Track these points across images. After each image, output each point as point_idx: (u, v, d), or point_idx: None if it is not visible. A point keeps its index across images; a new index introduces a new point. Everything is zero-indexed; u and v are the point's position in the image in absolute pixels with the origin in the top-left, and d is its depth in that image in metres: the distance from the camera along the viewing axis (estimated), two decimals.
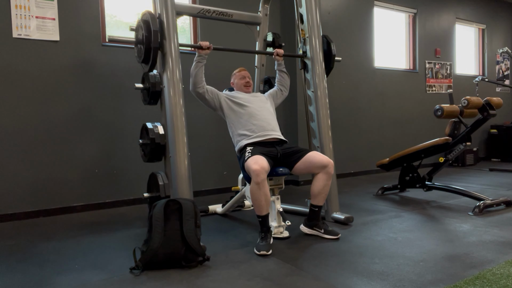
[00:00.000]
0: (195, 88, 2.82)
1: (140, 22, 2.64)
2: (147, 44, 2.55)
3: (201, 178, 4.21)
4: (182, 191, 2.50)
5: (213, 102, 2.89)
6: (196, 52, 2.80)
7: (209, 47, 2.79)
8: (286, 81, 3.19)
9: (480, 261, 2.15)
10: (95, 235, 2.85)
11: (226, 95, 2.94)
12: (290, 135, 4.80)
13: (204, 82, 2.83)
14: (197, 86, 2.81)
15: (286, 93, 3.21)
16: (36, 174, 3.44)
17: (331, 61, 3.26)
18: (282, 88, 3.18)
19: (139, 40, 2.65)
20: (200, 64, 2.79)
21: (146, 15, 2.62)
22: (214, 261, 2.24)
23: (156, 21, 2.56)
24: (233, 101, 2.89)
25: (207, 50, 2.79)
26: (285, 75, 3.19)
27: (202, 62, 2.80)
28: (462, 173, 5.54)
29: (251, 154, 2.55)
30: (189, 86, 2.82)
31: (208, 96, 2.86)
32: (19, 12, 3.34)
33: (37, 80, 3.44)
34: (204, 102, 2.90)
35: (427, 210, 3.42)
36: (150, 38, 2.53)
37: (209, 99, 2.87)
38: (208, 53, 2.81)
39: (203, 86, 2.82)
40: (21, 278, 2.07)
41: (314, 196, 2.66)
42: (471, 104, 3.54)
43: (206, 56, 2.81)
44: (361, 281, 1.94)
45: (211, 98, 2.88)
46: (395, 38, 6.08)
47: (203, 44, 2.77)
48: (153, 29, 2.53)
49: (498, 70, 7.51)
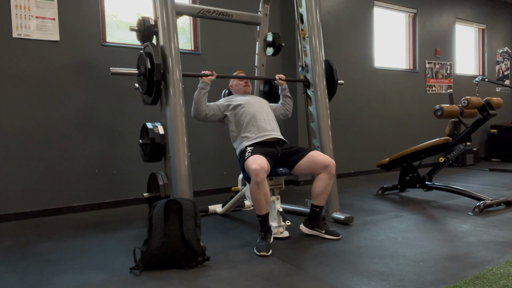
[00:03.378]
0: (196, 115, 2.85)
1: (143, 55, 2.60)
2: (150, 77, 2.53)
3: (201, 178, 4.21)
4: (182, 191, 2.50)
5: (218, 117, 2.91)
6: (200, 79, 2.81)
7: (213, 74, 2.82)
8: (289, 106, 3.19)
9: (480, 261, 2.16)
10: (95, 235, 2.85)
11: (226, 101, 2.95)
12: (290, 135, 4.79)
13: (205, 108, 2.83)
14: (199, 113, 2.83)
15: (288, 115, 3.21)
16: (36, 174, 3.44)
17: (334, 86, 3.27)
18: (286, 112, 3.18)
19: (142, 73, 2.62)
20: (203, 91, 2.81)
21: (149, 48, 2.57)
22: (214, 261, 2.24)
23: (159, 54, 2.53)
24: (233, 105, 2.89)
25: (211, 77, 2.82)
26: (289, 100, 3.18)
27: (205, 89, 2.82)
28: (462, 173, 5.55)
29: (251, 154, 2.55)
30: (191, 112, 2.83)
31: (211, 116, 2.88)
32: (19, 12, 3.34)
33: (37, 80, 3.44)
34: (209, 121, 2.96)
35: (427, 210, 3.42)
36: (153, 71, 2.51)
37: (212, 118, 2.90)
38: (212, 79, 2.83)
39: (203, 111, 2.84)
40: (21, 278, 2.08)
41: (316, 196, 2.65)
42: (471, 104, 3.54)
43: (209, 83, 2.83)
44: (361, 281, 1.94)
45: (214, 116, 2.89)
46: (395, 38, 6.08)
47: (206, 72, 2.80)
48: (156, 63, 2.49)
49: (498, 70, 7.51)
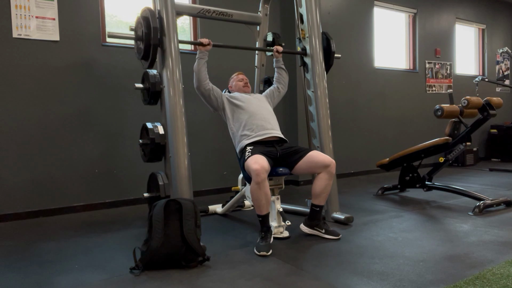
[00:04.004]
0: (200, 86, 2.80)
1: (139, 19, 2.64)
2: (147, 41, 2.55)
3: (201, 178, 4.21)
4: (182, 191, 2.50)
5: (216, 101, 2.88)
6: (198, 49, 2.80)
7: (209, 43, 2.80)
8: (284, 78, 3.18)
9: (480, 261, 2.15)
10: (95, 235, 2.85)
11: (227, 96, 2.94)
12: (290, 135, 4.79)
13: (208, 79, 2.82)
14: (202, 83, 2.79)
15: (284, 91, 3.19)
16: (36, 174, 3.44)
17: (330, 58, 3.26)
18: (280, 86, 3.16)
19: (139, 37, 2.65)
20: (202, 60, 2.79)
21: (146, 12, 2.61)
22: (214, 261, 2.24)
23: (155, 18, 2.56)
24: (234, 102, 2.89)
25: (208, 46, 2.79)
26: (283, 72, 3.18)
27: (204, 59, 2.79)
28: (462, 173, 5.54)
29: (251, 153, 2.55)
30: (194, 83, 2.81)
31: (213, 95, 2.85)
32: (19, 12, 3.34)
33: (37, 80, 3.44)
34: (207, 100, 2.88)
35: (427, 210, 3.42)
36: (149, 35, 2.53)
37: (213, 98, 2.87)
38: (209, 49, 2.81)
39: (208, 83, 2.81)
40: (21, 278, 2.07)
41: (316, 196, 2.65)
42: (471, 104, 3.54)
43: (207, 52, 2.81)
44: (361, 281, 1.94)
45: (215, 98, 2.87)
46: (395, 38, 6.08)
47: (203, 41, 2.78)
48: (153, 26, 2.52)
49: (498, 70, 7.51)
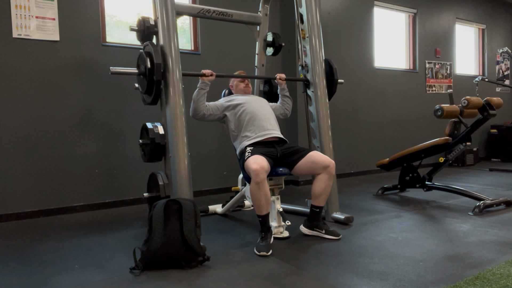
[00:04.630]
0: (195, 115, 2.85)
1: (142, 54, 2.58)
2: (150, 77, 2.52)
3: (201, 178, 4.21)
4: (182, 191, 2.50)
5: (216, 116, 2.91)
6: (200, 79, 2.81)
7: (212, 74, 2.81)
8: (289, 106, 3.20)
9: (480, 261, 2.16)
10: (95, 235, 2.85)
11: (225, 101, 2.94)
12: (290, 135, 4.79)
13: (204, 107, 2.83)
14: (198, 114, 2.83)
15: (287, 115, 3.22)
16: (36, 174, 3.44)
17: (333, 86, 3.27)
18: (285, 112, 3.19)
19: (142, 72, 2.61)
20: (203, 91, 2.81)
21: (149, 47, 2.56)
22: (214, 261, 2.24)
23: (158, 54, 2.52)
24: (233, 104, 2.89)
25: (210, 77, 2.81)
26: (288, 100, 3.19)
27: (205, 89, 2.81)
28: (462, 173, 5.54)
29: (251, 154, 2.55)
30: (189, 111, 2.83)
31: (210, 115, 2.87)
32: (19, 12, 3.34)
33: (37, 80, 3.44)
34: (208, 121, 2.96)
35: (427, 210, 3.42)
36: (153, 71, 2.50)
37: (211, 118, 2.90)
38: (212, 79, 2.82)
39: (203, 112, 2.84)
40: (21, 278, 2.08)
41: (315, 196, 2.65)
42: (471, 104, 3.54)
43: (209, 83, 2.82)
44: (361, 281, 1.94)
45: (213, 116, 2.89)
46: (395, 38, 6.08)
47: (206, 72, 2.79)
48: (156, 62, 2.48)
49: (498, 70, 7.51)
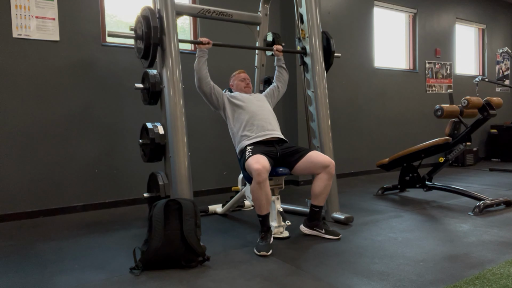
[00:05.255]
0: (201, 84, 2.80)
1: (139, 18, 2.64)
2: (147, 40, 2.54)
3: (201, 178, 4.21)
4: (182, 191, 2.50)
5: (217, 101, 2.88)
6: (197, 47, 2.80)
7: (209, 42, 2.79)
8: (284, 77, 3.18)
9: (480, 261, 2.16)
10: (95, 235, 2.85)
11: (228, 96, 2.94)
12: (290, 135, 4.79)
13: (209, 77, 2.81)
14: (203, 82, 2.79)
15: (283, 90, 3.20)
16: (36, 174, 3.44)
17: (330, 57, 3.26)
18: (279, 84, 3.16)
19: (139, 36, 2.65)
20: (202, 59, 2.78)
21: (146, 11, 2.60)
22: (214, 261, 2.24)
23: (155, 17, 2.56)
24: (234, 102, 2.88)
25: (207, 45, 2.79)
26: (284, 71, 3.18)
27: (204, 57, 2.79)
28: (462, 173, 5.54)
29: (251, 153, 2.55)
30: (195, 82, 2.80)
31: (214, 94, 2.85)
32: (19, 12, 3.34)
33: (37, 80, 3.44)
34: (209, 99, 2.88)
35: (427, 210, 3.42)
36: (149, 34, 2.53)
37: (214, 97, 2.86)
38: (209, 47, 2.80)
39: (209, 81, 2.81)
40: (21, 278, 2.07)
41: (315, 196, 2.65)
42: (471, 104, 3.54)
43: (207, 50, 2.80)
44: (361, 281, 1.94)
45: (216, 97, 2.86)
46: (395, 38, 6.08)
47: (203, 40, 2.78)
48: (153, 25, 2.51)
49: (498, 70, 7.51)
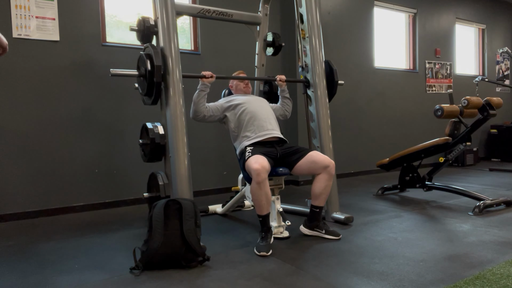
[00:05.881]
0: (195, 117, 2.84)
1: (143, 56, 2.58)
2: (150, 78, 2.52)
3: (201, 178, 4.21)
4: (182, 191, 2.50)
5: (216, 117, 2.91)
6: (200, 81, 2.80)
7: (212, 76, 2.81)
8: (289, 107, 3.20)
9: (480, 261, 2.16)
10: (95, 235, 2.85)
11: (225, 101, 2.94)
12: (290, 135, 4.79)
13: (204, 109, 2.82)
14: (198, 116, 2.83)
15: (287, 117, 3.22)
16: (36, 174, 3.44)
17: (334, 88, 3.26)
18: (286, 113, 3.19)
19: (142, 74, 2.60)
20: (203, 93, 2.80)
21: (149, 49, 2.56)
22: (214, 261, 2.24)
23: (159, 55, 2.52)
24: (233, 104, 2.89)
25: (210, 79, 2.80)
26: (288, 101, 3.19)
27: (205, 91, 2.81)
28: (462, 173, 5.54)
29: (251, 153, 2.55)
30: (190, 113, 2.82)
31: (211, 116, 2.87)
32: (19, 12, 3.34)
33: (37, 80, 3.44)
34: (209, 122, 2.95)
35: (427, 210, 3.42)
36: (153, 73, 2.49)
37: (211, 120, 2.90)
38: (212, 81, 2.82)
39: (203, 114, 2.83)
40: (21, 278, 2.08)
41: (315, 196, 2.65)
42: (471, 104, 3.54)
43: (209, 85, 2.82)
44: (361, 281, 1.94)
45: (213, 117, 2.89)
46: (395, 38, 6.08)
47: (206, 74, 2.79)
48: (156, 64, 2.49)
49: (498, 70, 7.51)
